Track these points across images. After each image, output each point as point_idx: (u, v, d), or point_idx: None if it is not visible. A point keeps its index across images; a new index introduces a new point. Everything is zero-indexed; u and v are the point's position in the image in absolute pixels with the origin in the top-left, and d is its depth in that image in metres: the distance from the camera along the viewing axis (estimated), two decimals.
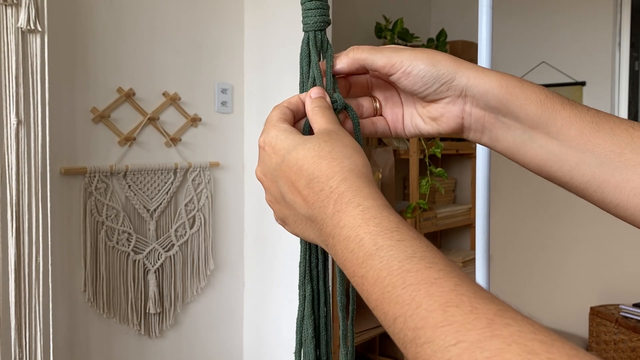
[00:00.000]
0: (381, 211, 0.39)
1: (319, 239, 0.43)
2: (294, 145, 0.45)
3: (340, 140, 0.45)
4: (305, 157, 0.43)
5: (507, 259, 3.35)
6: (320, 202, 0.41)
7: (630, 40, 3.06)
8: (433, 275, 0.33)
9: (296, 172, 0.43)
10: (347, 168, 0.42)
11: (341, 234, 0.39)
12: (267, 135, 0.48)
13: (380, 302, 0.35)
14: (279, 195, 0.46)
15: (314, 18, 0.52)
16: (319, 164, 0.42)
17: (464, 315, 0.30)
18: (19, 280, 1.48)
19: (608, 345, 2.74)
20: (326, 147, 0.43)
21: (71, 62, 1.71)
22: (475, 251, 1.02)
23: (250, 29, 2.18)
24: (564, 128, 0.47)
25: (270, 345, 2.17)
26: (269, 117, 0.51)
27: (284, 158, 0.45)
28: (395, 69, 0.50)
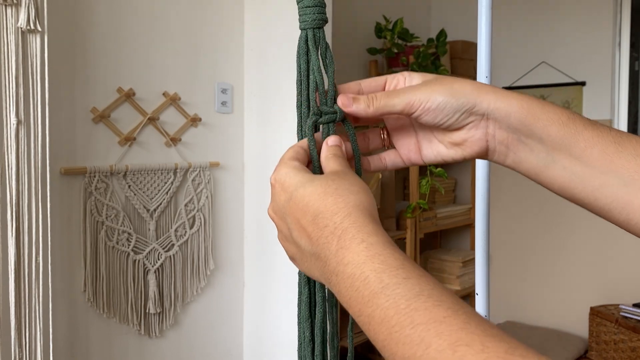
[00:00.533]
0: (385, 248, 0.38)
1: (323, 277, 0.42)
2: (302, 183, 0.45)
3: (347, 179, 0.45)
4: (312, 193, 0.43)
5: (507, 259, 3.35)
6: (324, 239, 0.41)
7: (630, 40, 3.06)
8: (441, 314, 0.33)
9: (302, 209, 0.43)
10: (352, 204, 0.42)
11: (345, 271, 0.38)
12: (278, 173, 0.48)
13: (388, 342, 0.34)
14: (287, 233, 0.46)
15: (312, 16, 0.52)
16: (324, 200, 0.42)
17: (474, 354, 0.30)
18: (19, 280, 1.48)
19: (608, 345, 2.74)
20: (333, 184, 0.44)
21: (71, 62, 1.71)
22: (475, 251, 1.02)
23: (250, 29, 2.18)
24: (587, 149, 0.46)
25: (270, 345, 2.17)
26: (282, 156, 0.50)
27: (291, 195, 0.45)
28: (414, 108, 0.49)
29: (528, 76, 3.28)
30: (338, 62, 2.90)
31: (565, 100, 3.19)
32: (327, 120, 0.51)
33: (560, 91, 3.20)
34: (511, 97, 0.48)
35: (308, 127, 0.51)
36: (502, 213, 3.31)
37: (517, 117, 0.48)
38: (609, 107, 3.07)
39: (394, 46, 2.88)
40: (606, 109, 3.08)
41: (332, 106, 0.52)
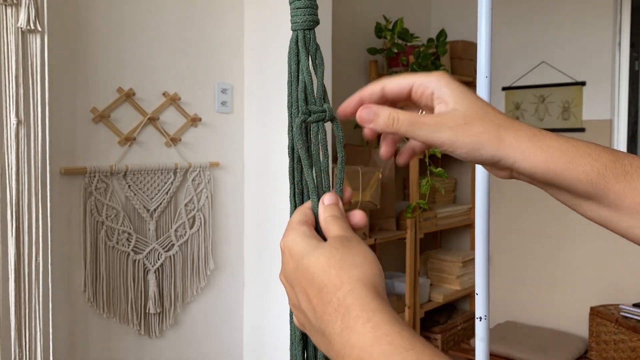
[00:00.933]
0: (392, 326, 0.37)
1: (328, 354, 0.41)
2: (307, 251, 0.44)
3: (351, 249, 0.44)
4: (316, 264, 0.43)
5: (507, 259, 3.35)
6: (328, 316, 0.40)
7: (630, 40, 3.06)
8: None
9: (308, 280, 0.43)
10: (355, 278, 0.41)
11: (352, 355, 0.37)
12: (286, 238, 0.47)
13: None
14: (296, 301, 0.45)
15: (302, 17, 0.52)
16: (328, 273, 0.42)
17: None
18: (19, 280, 1.48)
19: (608, 345, 2.74)
20: (337, 254, 0.43)
21: (71, 62, 1.71)
22: (475, 251, 1.02)
23: (250, 29, 2.18)
24: (617, 200, 0.46)
25: (270, 345, 2.17)
26: (290, 219, 0.50)
27: (298, 263, 0.44)
28: (435, 146, 0.48)
29: (528, 76, 3.28)
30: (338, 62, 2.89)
31: (565, 100, 3.19)
32: (315, 120, 0.51)
33: (560, 91, 3.20)
34: (537, 156, 0.46)
35: (297, 127, 0.51)
36: (502, 213, 3.31)
37: (542, 174, 0.47)
38: (609, 107, 3.07)
39: (394, 46, 2.88)
40: (606, 109, 3.08)
41: (322, 105, 0.51)
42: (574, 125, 3.15)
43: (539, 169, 0.46)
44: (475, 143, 0.46)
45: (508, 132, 0.47)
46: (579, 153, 0.46)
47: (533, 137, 0.46)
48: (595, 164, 0.46)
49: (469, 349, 3.01)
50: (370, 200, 2.50)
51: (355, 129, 2.98)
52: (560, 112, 3.21)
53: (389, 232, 2.79)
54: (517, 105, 3.36)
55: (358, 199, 2.42)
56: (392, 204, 2.80)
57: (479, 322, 1.02)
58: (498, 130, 0.46)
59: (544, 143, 0.46)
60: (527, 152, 0.46)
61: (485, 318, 1.02)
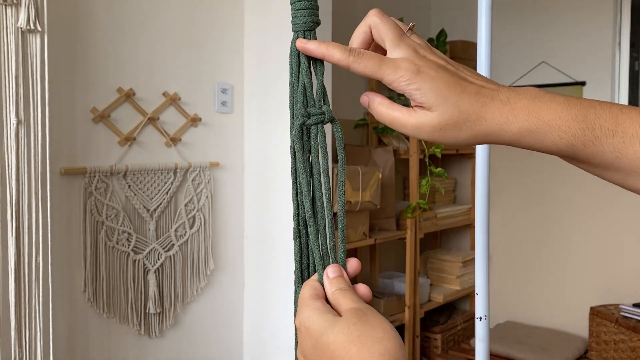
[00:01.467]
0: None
1: None
2: (324, 328, 0.44)
3: (369, 322, 0.44)
4: (336, 342, 0.43)
5: (507, 259, 3.35)
6: None
7: (630, 40, 3.06)
8: None
9: (329, 357, 0.43)
10: (378, 353, 0.41)
11: None
12: (301, 315, 0.47)
13: None
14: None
15: (303, 18, 0.52)
16: (349, 350, 0.42)
17: None
18: (19, 280, 1.48)
19: (608, 345, 2.74)
20: (355, 330, 0.43)
21: (71, 62, 1.71)
22: (475, 251, 1.02)
23: (250, 29, 2.18)
24: (590, 162, 0.47)
25: (270, 345, 2.17)
26: (301, 295, 0.50)
27: (317, 341, 0.44)
28: None
29: (528, 76, 3.28)
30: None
31: None
32: (315, 122, 0.51)
33: (560, 91, 3.20)
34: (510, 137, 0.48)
35: (295, 129, 0.51)
36: (502, 213, 3.31)
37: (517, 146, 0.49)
38: None
39: None
40: None
41: (321, 107, 0.51)
42: None
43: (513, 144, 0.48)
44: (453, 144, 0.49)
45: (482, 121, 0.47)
46: (549, 128, 0.46)
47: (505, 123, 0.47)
48: (564, 136, 0.46)
49: (469, 349, 3.01)
50: (370, 200, 2.50)
51: (355, 129, 2.99)
52: None
53: (389, 232, 2.79)
54: None
55: (358, 199, 2.42)
56: (392, 204, 2.80)
57: (479, 322, 1.02)
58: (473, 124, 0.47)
59: (516, 126, 0.46)
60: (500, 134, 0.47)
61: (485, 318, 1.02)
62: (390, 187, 2.77)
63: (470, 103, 0.46)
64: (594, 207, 3.01)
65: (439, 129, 0.47)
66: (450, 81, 0.47)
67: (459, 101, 0.46)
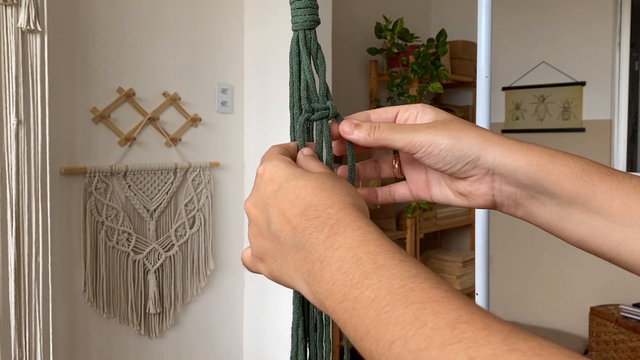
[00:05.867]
0: (382, 236, 0.36)
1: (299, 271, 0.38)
2: (294, 175, 0.42)
3: (344, 182, 0.42)
4: (305, 186, 0.41)
5: (507, 259, 3.35)
6: (313, 228, 0.38)
7: (630, 40, 3.06)
8: (440, 295, 0.30)
9: (291, 201, 0.40)
10: (349, 202, 0.39)
11: (334, 255, 0.35)
12: (269, 163, 0.46)
13: (374, 326, 0.30)
14: (264, 226, 0.43)
15: (303, 17, 0.52)
16: (319, 194, 0.40)
17: (475, 331, 0.27)
18: (19, 280, 1.48)
19: (608, 345, 2.74)
20: (329, 181, 0.41)
21: (71, 62, 1.71)
22: (475, 251, 1.02)
23: (250, 29, 2.18)
24: (606, 202, 0.43)
25: (270, 346, 2.17)
26: (268, 150, 0.49)
27: (281, 186, 0.42)
28: (415, 149, 0.47)
29: (528, 76, 3.28)
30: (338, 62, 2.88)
31: (565, 100, 3.19)
32: (319, 117, 0.51)
33: (560, 91, 3.20)
34: (519, 151, 0.45)
35: (300, 124, 0.51)
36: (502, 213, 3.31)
37: (525, 173, 0.44)
38: (609, 107, 3.07)
39: (394, 46, 2.88)
40: (606, 109, 3.08)
41: (324, 102, 0.52)
42: (574, 125, 3.15)
43: (522, 168, 0.45)
44: (456, 137, 0.46)
45: (489, 132, 0.47)
46: (561, 154, 0.45)
47: (514, 141, 0.46)
48: (578, 161, 0.45)
49: None
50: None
51: None
52: (560, 112, 3.21)
53: (389, 232, 2.79)
54: (517, 105, 3.36)
55: None
56: (392, 204, 2.80)
57: None
58: (481, 132, 0.46)
59: (525, 145, 0.46)
60: (509, 151, 0.45)
61: None
62: None
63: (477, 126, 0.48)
64: None
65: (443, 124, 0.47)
66: None
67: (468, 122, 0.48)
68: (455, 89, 3.58)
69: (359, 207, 0.39)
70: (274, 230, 0.41)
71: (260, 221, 0.43)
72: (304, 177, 0.42)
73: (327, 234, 0.37)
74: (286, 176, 0.43)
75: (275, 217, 0.41)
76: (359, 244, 0.35)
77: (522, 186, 0.46)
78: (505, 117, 3.40)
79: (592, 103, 3.10)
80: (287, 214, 0.40)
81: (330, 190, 0.40)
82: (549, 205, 0.46)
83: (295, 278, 0.39)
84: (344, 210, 0.38)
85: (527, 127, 3.32)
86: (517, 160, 0.45)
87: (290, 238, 0.39)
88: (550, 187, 0.44)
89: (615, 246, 0.44)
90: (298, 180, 0.42)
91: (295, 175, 0.42)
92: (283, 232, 0.40)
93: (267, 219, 0.42)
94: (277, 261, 0.41)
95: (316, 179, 0.41)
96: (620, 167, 3.06)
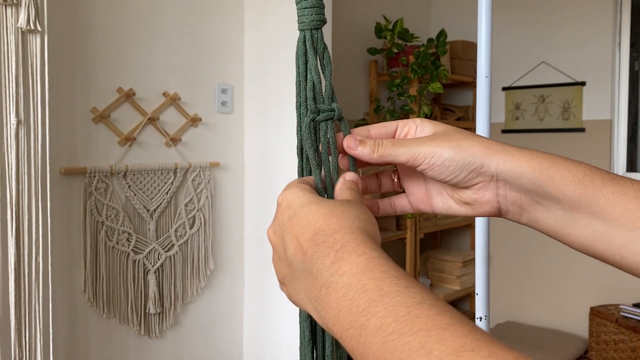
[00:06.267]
0: (387, 262, 0.36)
1: (308, 296, 0.39)
2: (309, 202, 0.43)
3: (357, 206, 0.43)
4: (317, 212, 0.42)
5: (507, 259, 3.35)
6: (319, 253, 0.39)
7: (630, 40, 3.06)
8: (445, 322, 0.30)
9: (303, 226, 0.42)
10: (356, 226, 0.40)
11: (339, 281, 0.36)
12: (287, 191, 0.47)
13: (381, 353, 0.31)
14: (282, 252, 0.44)
15: (310, 17, 0.52)
16: (329, 219, 0.41)
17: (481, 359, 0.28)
18: (19, 280, 1.48)
19: (608, 345, 2.74)
20: (340, 207, 0.42)
21: (71, 62, 1.71)
22: (475, 251, 1.02)
23: (250, 29, 2.18)
24: (608, 206, 0.44)
25: (270, 345, 2.17)
26: (291, 181, 0.50)
27: (295, 212, 0.43)
28: (418, 161, 0.48)
29: (528, 76, 3.28)
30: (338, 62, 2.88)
31: (565, 100, 3.19)
32: (324, 118, 0.51)
33: (560, 91, 3.20)
34: (522, 157, 0.46)
35: (305, 125, 0.51)
36: None
37: (529, 178, 0.45)
38: (609, 107, 3.07)
39: (394, 46, 2.88)
40: (606, 109, 3.08)
41: (330, 104, 0.52)
42: (574, 125, 3.15)
43: (525, 173, 0.45)
44: (458, 146, 0.46)
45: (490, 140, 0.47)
46: (562, 159, 0.46)
47: (516, 148, 0.47)
48: (580, 166, 0.45)
49: None
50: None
51: None
52: (560, 112, 3.21)
53: (389, 232, 2.79)
54: (517, 105, 3.36)
55: None
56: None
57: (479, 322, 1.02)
58: (482, 141, 0.47)
59: (527, 151, 0.46)
60: (511, 157, 0.46)
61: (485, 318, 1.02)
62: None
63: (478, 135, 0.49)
64: None
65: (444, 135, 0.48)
66: None
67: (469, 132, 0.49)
68: (455, 89, 3.58)
69: (366, 232, 0.40)
70: (289, 255, 0.42)
71: (279, 247, 0.45)
72: (317, 203, 0.43)
73: (332, 259, 0.37)
74: (301, 203, 0.44)
75: (289, 243, 0.43)
76: (363, 270, 0.35)
77: (526, 191, 0.46)
78: (505, 117, 3.40)
79: (592, 103, 3.10)
80: (300, 239, 0.41)
81: (340, 215, 0.41)
82: (553, 210, 0.47)
83: (306, 303, 0.41)
84: (349, 235, 0.39)
85: (527, 127, 3.32)
86: (521, 165, 0.45)
87: (300, 263, 0.41)
88: (553, 191, 0.45)
89: (619, 250, 0.44)
90: (311, 207, 0.43)
91: (310, 201, 0.43)
92: (296, 258, 0.41)
93: (284, 244, 0.44)
94: (292, 286, 0.43)
95: (329, 205, 0.43)
96: (620, 167, 3.06)
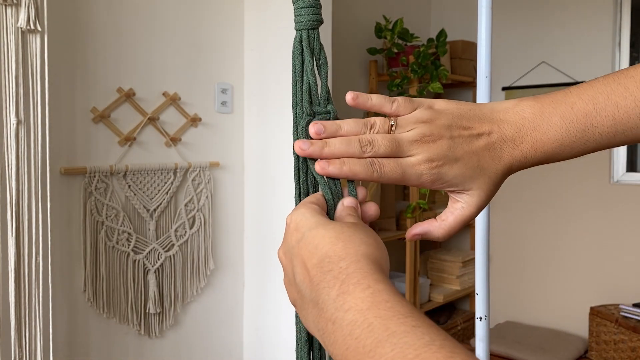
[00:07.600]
0: (393, 296, 0.36)
1: (316, 327, 0.39)
2: (316, 224, 0.43)
3: (364, 230, 0.43)
4: (324, 236, 0.41)
5: (507, 259, 3.35)
6: (325, 283, 0.38)
7: (630, 40, 3.06)
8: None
9: (310, 251, 0.41)
10: (362, 253, 0.40)
11: (345, 318, 0.35)
12: (296, 211, 0.46)
13: None
14: (291, 276, 0.44)
15: (306, 17, 0.52)
16: (334, 245, 0.40)
17: None
18: (19, 280, 1.48)
19: (608, 345, 2.74)
20: (347, 231, 0.42)
21: (71, 62, 1.71)
22: (475, 251, 1.02)
23: (250, 29, 2.18)
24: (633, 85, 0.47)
25: (270, 345, 2.17)
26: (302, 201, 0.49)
27: (303, 235, 0.43)
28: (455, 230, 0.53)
29: (528, 76, 3.28)
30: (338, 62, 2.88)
31: None
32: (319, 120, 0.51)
33: None
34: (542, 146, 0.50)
35: (301, 128, 0.51)
36: (502, 213, 3.31)
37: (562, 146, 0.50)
38: None
39: (394, 46, 2.88)
40: None
41: (326, 106, 0.52)
42: None
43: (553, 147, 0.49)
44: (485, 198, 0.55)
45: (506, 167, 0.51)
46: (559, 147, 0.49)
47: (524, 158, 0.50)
48: (574, 114, 0.49)
49: (469, 349, 3.01)
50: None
51: None
52: None
53: (389, 232, 2.79)
54: None
55: None
56: (392, 204, 2.80)
57: (479, 322, 1.02)
58: (502, 175, 0.52)
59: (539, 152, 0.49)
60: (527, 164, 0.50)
61: (485, 318, 1.02)
62: (390, 187, 2.77)
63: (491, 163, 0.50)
64: (594, 207, 3.01)
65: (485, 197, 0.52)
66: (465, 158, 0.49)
67: (483, 170, 0.50)
68: (455, 89, 3.58)
69: (373, 258, 0.40)
70: (298, 281, 0.42)
71: (289, 271, 0.44)
72: (324, 226, 0.42)
73: (337, 291, 0.37)
74: (309, 225, 0.43)
75: (298, 268, 0.42)
76: (368, 307, 0.35)
77: None
78: None
79: None
80: (307, 264, 0.41)
81: (347, 240, 0.41)
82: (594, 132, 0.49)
83: (314, 332, 0.40)
84: (355, 264, 0.38)
85: None
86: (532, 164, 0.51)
87: (308, 290, 0.40)
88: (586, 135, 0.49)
89: None
90: (318, 230, 0.42)
91: (317, 224, 0.43)
92: (304, 284, 0.41)
93: (292, 269, 0.43)
94: (302, 313, 0.42)
95: (335, 228, 0.42)
96: (620, 167, 3.06)
